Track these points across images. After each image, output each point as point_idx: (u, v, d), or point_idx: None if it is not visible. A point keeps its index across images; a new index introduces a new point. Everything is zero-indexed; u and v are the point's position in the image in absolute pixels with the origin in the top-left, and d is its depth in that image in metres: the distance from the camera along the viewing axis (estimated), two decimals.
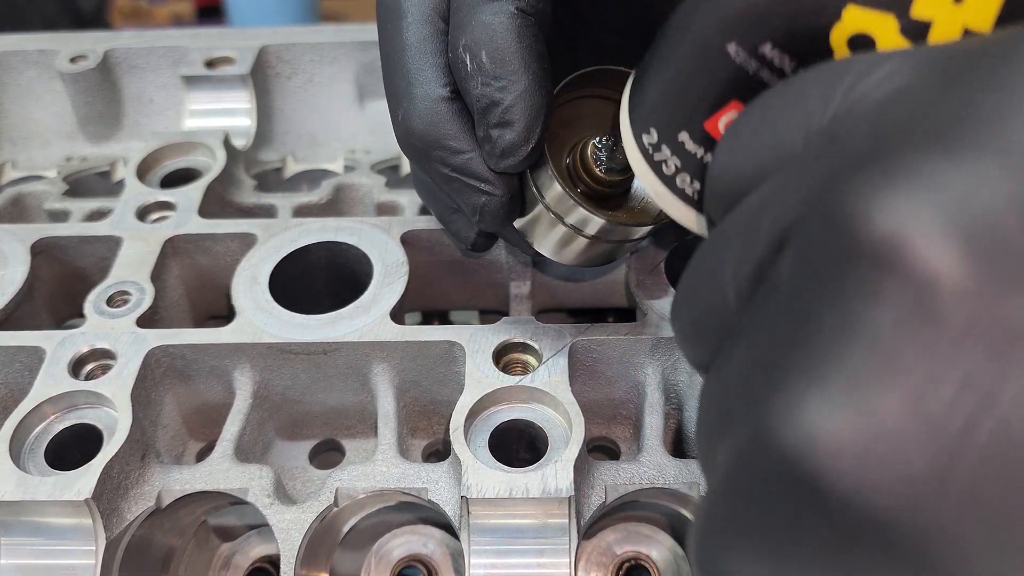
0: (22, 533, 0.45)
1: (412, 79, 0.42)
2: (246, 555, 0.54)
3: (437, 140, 0.42)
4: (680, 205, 0.35)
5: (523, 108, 0.39)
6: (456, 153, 0.42)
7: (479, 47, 0.39)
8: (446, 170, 0.42)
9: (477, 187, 0.42)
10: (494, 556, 0.45)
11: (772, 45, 0.29)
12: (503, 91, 0.39)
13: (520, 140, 0.40)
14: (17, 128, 0.77)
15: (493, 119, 0.40)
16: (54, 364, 0.51)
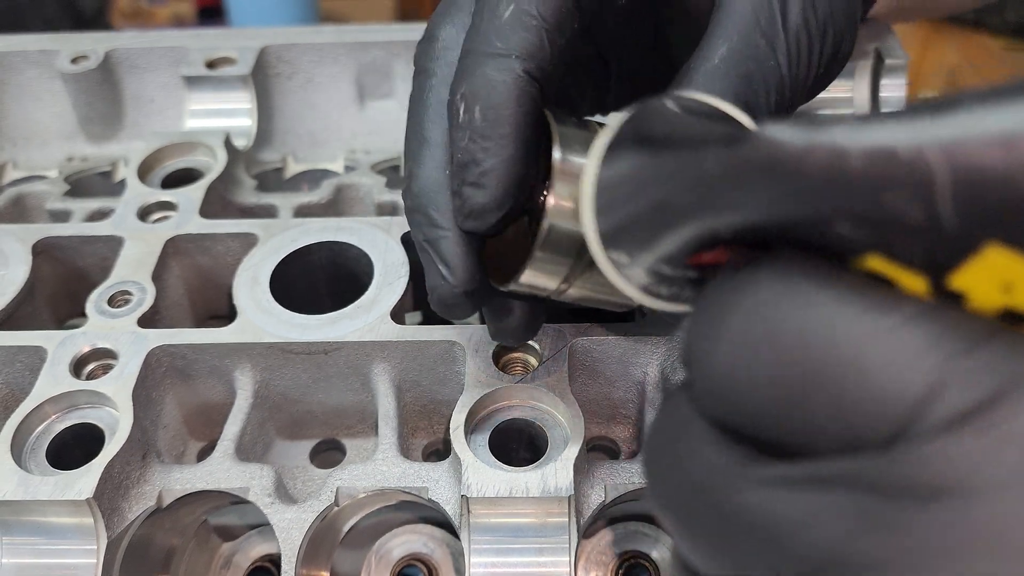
0: (23, 533, 0.46)
1: (425, 140, 0.42)
2: (247, 554, 0.54)
3: (424, 206, 0.41)
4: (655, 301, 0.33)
5: (502, 175, 0.38)
6: (434, 226, 0.41)
7: (475, 100, 0.38)
8: (421, 237, 0.42)
9: (438, 268, 0.41)
10: (494, 555, 0.45)
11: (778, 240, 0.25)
12: (486, 152, 0.38)
13: (491, 205, 0.38)
14: (18, 128, 0.77)
15: (470, 177, 0.38)
16: (55, 364, 0.51)
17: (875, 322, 0.22)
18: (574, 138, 0.38)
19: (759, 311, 0.25)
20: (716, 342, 0.26)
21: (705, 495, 0.27)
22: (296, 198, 0.68)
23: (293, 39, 0.75)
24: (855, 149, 0.21)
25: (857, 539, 0.23)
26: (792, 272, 0.25)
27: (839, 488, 0.23)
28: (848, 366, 0.23)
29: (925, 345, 0.22)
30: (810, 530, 0.23)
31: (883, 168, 0.20)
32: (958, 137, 0.20)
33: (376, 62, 0.75)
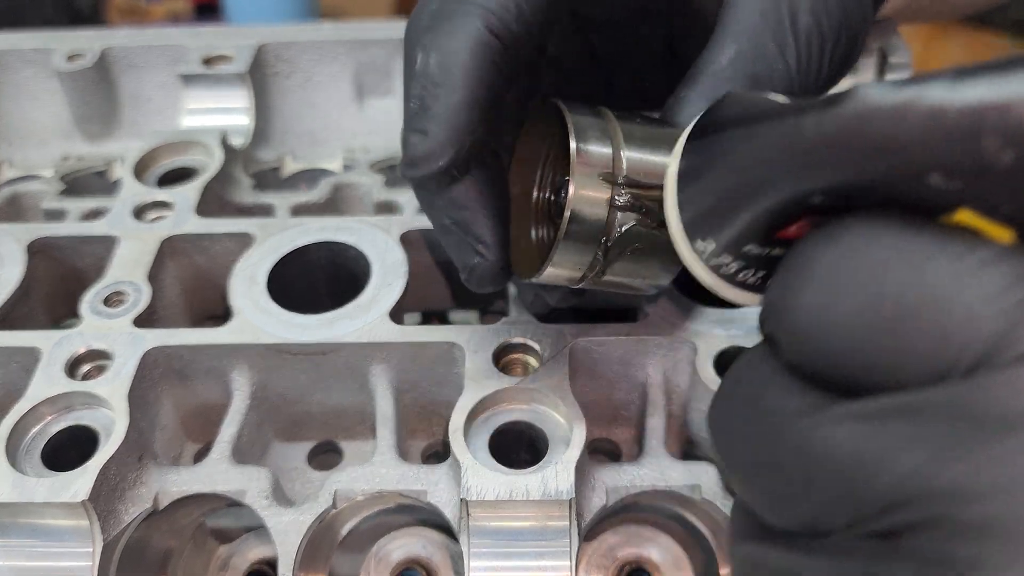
0: (18, 535, 0.45)
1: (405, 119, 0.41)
2: (244, 557, 0.54)
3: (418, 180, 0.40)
4: (740, 292, 0.33)
5: (446, 122, 0.38)
6: (460, 208, 0.40)
7: (433, 48, 0.38)
8: (447, 220, 0.41)
9: (473, 247, 0.41)
10: (494, 559, 0.44)
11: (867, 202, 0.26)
12: (435, 99, 0.38)
13: (432, 152, 0.38)
14: (13, 127, 0.77)
15: (415, 124, 0.38)
16: (50, 365, 0.50)
17: (959, 261, 0.24)
18: (589, 126, 0.38)
19: (844, 256, 0.26)
20: (801, 288, 0.27)
21: (783, 437, 0.27)
22: (294, 197, 0.68)
23: (291, 37, 0.75)
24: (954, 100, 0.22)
25: (944, 467, 0.23)
26: (878, 222, 0.25)
27: (922, 418, 0.24)
28: (931, 302, 0.24)
29: (1006, 284, 0.23)
30: (894, 460, 0.24)
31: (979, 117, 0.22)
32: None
33: (375, 60, 0.74)
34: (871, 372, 0.25)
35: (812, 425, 0.26)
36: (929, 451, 0.23)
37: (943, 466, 0.23)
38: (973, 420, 0.23)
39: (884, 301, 0.25)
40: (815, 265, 0.27)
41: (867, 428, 0.25)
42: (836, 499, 0.25)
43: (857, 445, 0.25)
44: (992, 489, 0.22)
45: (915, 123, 0.23)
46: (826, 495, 0.26)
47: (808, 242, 0.27)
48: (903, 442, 0.24)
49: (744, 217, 0.29)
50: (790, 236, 0.29)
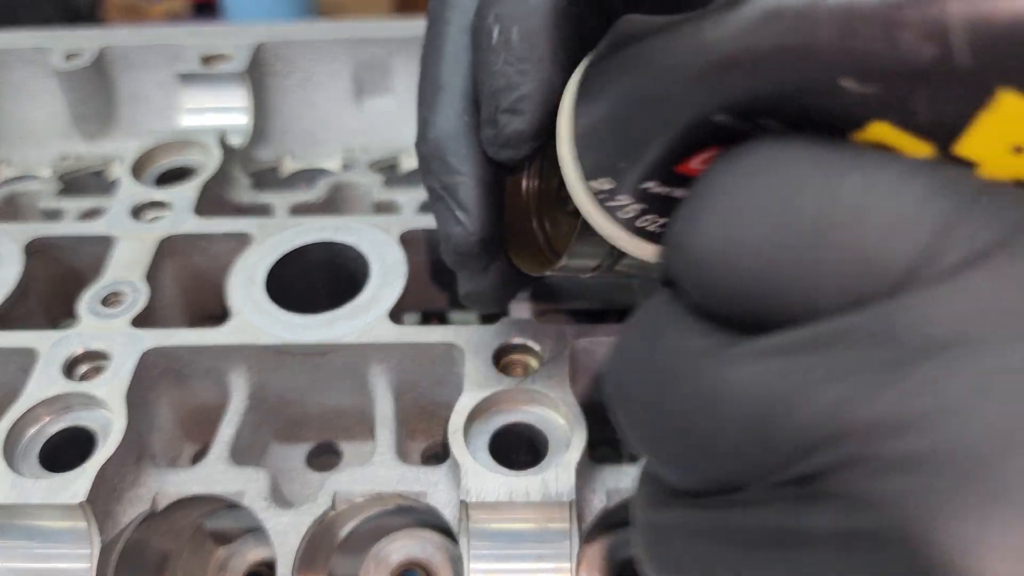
0: (16, 536, 0.45)
1: (441, 86, 0.40)
2: (243, 559, 0.54)
3: (442, 152, 0.40)
4: (639, 242, 0.31)
5: (541, 101, 0.36)
6: (451, 172, 0.40)
7: (512, 21, 0.36)
8: (437, 186, 0.41)
9: (455, 214, 0.40)
10: (494, 561, 0.44)
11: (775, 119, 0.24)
12: (524, 75, 0.36)
13: (528, 133, 0.36)
14: (11, 126, 0.77)
15: (505, 102, 0.36)
16: (48, 365, 0.50)
17: (876, 174, 0.21)
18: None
19: (749, 177, 0.23)
20: (700, 217, 0.24)
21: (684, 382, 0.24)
22: (293, 197, 0.67)
23: (290, 36, 0.74)
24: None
25: (865, 398, 0.20)
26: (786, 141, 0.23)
27: (841, 348, 0.21)
28: (845, 220, 0.21)
29: (929, 194, 0.21)
30: (808, 397, 0.21)
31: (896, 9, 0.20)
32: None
33: (374, 59, 0.74)
34: (782, 304, 0.22)
35: (716, 365, 0.23)
36: (848, 383, 0.21)
37: (864, 398, 0.20)
38: (897, 344, 0.20)
39: (793, 222, 0.22)
40: (716, 190, 0.24)
41: (778, 364, 0.22)
42: (745, 448, 0.22)
43: (767, 385, 0.22)
44: (920, 418, 0.20)
45: (825, 21, 0.21)
46: (734, 444, 0.23)
47: (710, 169, 0.25)
48: (819, 376, 0.21)
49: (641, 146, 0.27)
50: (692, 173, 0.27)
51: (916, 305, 0.20)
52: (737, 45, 0.22)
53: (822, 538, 0.21)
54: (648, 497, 0.28)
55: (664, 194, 0.29)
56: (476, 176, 0.39)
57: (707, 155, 0.26)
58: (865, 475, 0.20)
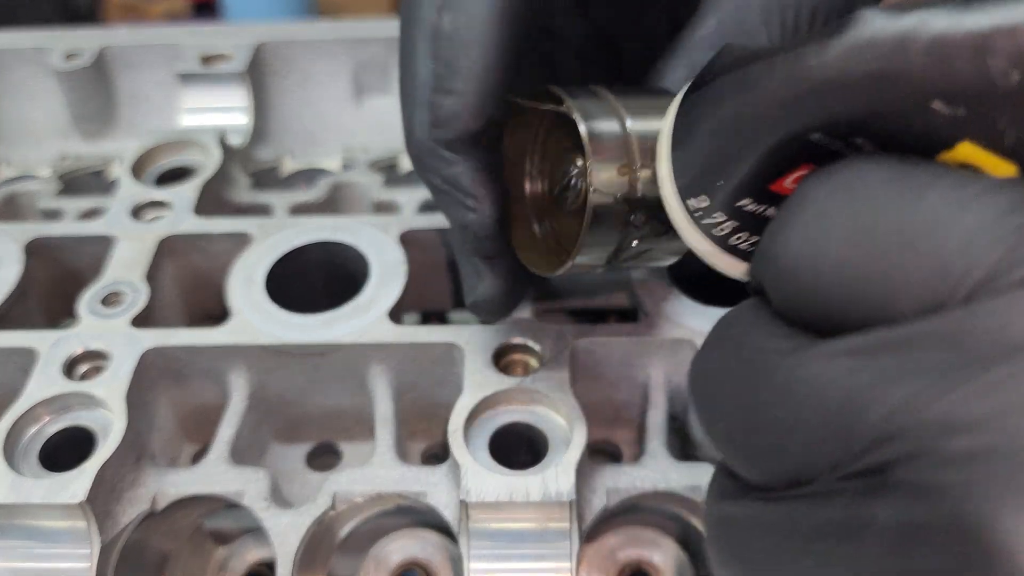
0: (15, 536, 0.45)
1: (418, 90, 0.40)
2: (242, 559, 0.54)
3: (433, 148, 0.40)
4: (730, 259, 0.32)
5: (478, 81, 0.37)
6: (449, 164, 0.40)
7: (451, 10, 0.37)
8: (439, 182, 0.41)
9: (463, 201, 0.40)
10: (494, 561, 0.44)
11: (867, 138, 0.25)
12: (463, 58, 0.37)
13: (460, 111, 0.37)
14: (10, 126, 0.77)
15: (442, 84, 0.37)
16: (48, 365, 0.50)
17: (958, 190, 0.23)
18: (592, 106, 0.37)
19: (836, 191, 0.25)
20: (789, 228, 0.26)
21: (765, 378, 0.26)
22: (292, 197, 0.67)
23: (290, 36, 0.74)
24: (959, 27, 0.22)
25: (934, 397, 0.22)
26: (874, 159, 0.25)
27: (915, 349, 0.22)
28: (927, 231, 0.23)
29: (1006, 210, 0.22)
30: (881, 394, 0.22)
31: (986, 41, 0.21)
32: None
33: (374, 58, 0.74)
34: (863, 308, 0.24)
35: (796, 364, 0.25)
36: (920, 383, 0.22)
37: (934, 396, 0.22)
38: (968, 349, 0.22)
39: (875, 232, 0.24)
40: (805, 204, 0.26)
41: (855, 363, 0.23)
42: (818, 441, 0.24)
43: (843, 382, 0.23)
44: (986, 416, 0.21)
45: (918, 50, 0.22)
46: (808, 437, 0.24)
47: (800, 186, 0.26)
48: (893, 375, 0.23)
49: (738, 164, 0.28)
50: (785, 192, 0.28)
51: (987, 312, 0.22)
52: (836, 70, 0.24)
53: (885, 527, 0.22)
54: (720, 491, 0.29)
55: (758, 212, 0.30)
56: (475, 160, 0.40)
57: (800, 174, 0.28)
58: (930, 467, 0.21)
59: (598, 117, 0.37)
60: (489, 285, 0.43)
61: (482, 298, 0.44)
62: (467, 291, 0.44)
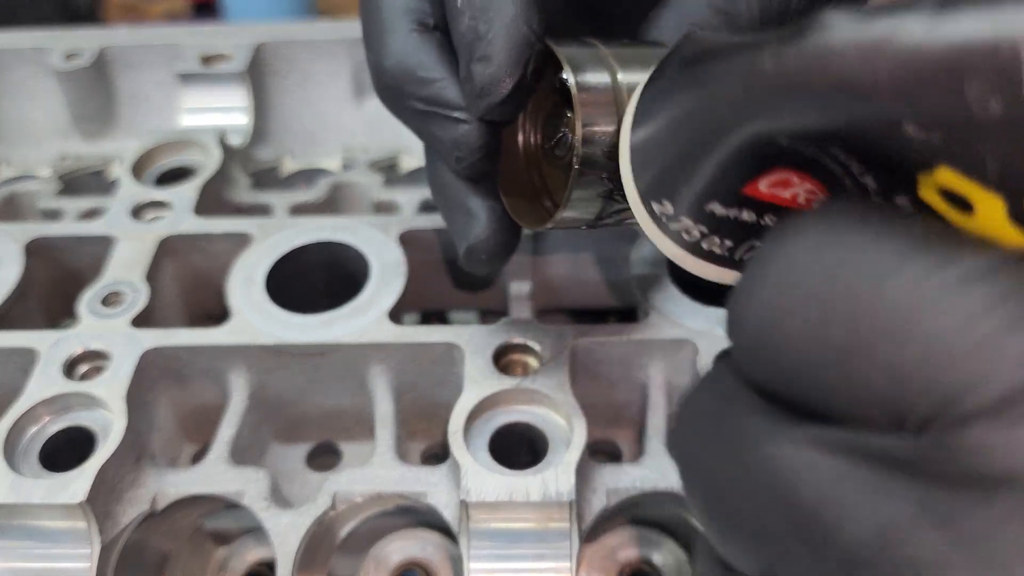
0: (15, 536, 0.45)
1: (384, 19, 0.40)
2: (242, 559, 0.54)
3: (407, 72, 0.39)
4: (705, 265, 0.31)
5: (505, 40, 0.36)
6: (427, 84, 0.39)
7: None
8: (420, 105, 0.39)
9: (450, 115, 0.39)
10: (494, 561, 0.44)
11: (841, 150, 0.23)
12: (488, 23, 0.36)
13: (500, 74, 0.36)
14: (10, 126, 0.77)
15: (476, 53, 0.37)
16: (48, 365, 0.50)
17: (928, 277, 0.20)
18: (582, 57, 0.37)
19: (799, 257, 0.23)
20: (751, 296, 0.24)
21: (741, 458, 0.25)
22: (292, 197, 0.67)
23: (290, 35, 0.74)
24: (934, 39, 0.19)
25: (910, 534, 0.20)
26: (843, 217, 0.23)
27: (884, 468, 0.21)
28: (888, 329, 0.21)
29: (982, 309, 0.20)
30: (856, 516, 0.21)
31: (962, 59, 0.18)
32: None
33: None
34: (824, 400, 0.22)
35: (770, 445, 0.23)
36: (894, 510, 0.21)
37: (910, 533, 0.20)
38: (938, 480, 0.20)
39: (836, 319, 0.22)
40: (768, 268, 0.24)
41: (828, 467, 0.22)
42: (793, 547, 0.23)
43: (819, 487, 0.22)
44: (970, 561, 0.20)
45: (886, 66, 0.19)
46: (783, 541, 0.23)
47: (768, 237, 0.24)
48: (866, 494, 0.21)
49: (701, 168, 0.27)
50: (759, 196, 0.27)
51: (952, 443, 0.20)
52: (792, 79, 0.22)
53: None
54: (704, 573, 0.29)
55: (731, 217, 0.28)
56: (455, 75, 0.39)
57: (775, 177, 0.26)
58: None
59: (588, 68, 0.36)
60: (483, 225, 0.42)
61: (477, 239, 0.42)
62: (459, 238, 0.43)
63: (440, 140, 0.40)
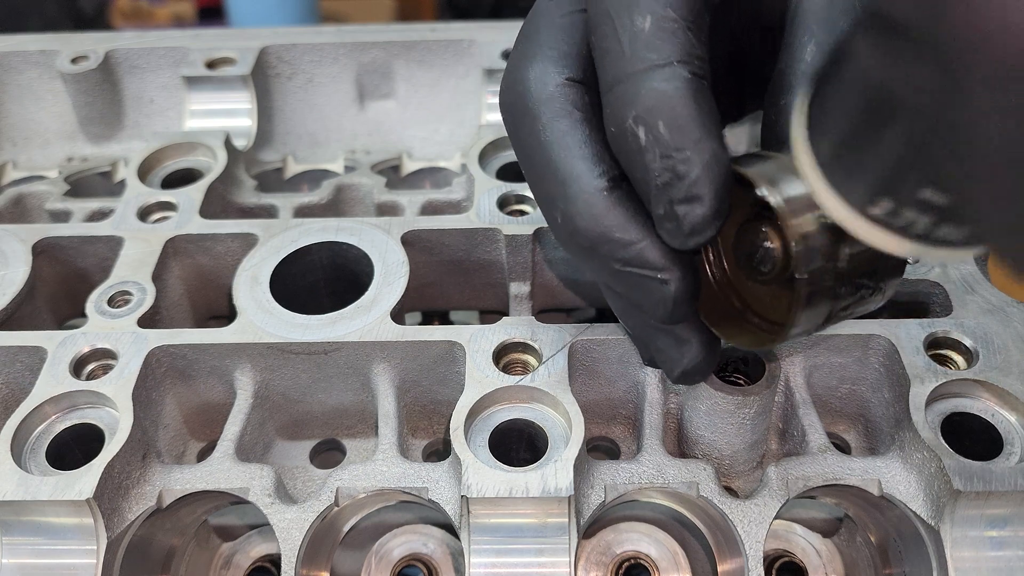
0: (24, 533, 0.46)
1: (564, 178, 0.39)
2: (247, 554, 0.54)
3: (603, 235, 0.39)
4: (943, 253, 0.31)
5: (711, 180, 0.36)
6: (625, 245, 0.39)
7: (654, 116, 0.36)
8: (617, 265, 0.39)
9: (654, 277, 0.39)
10: (494, 555, 0.45)
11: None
12: (687, 163, 0.36)
13: (712, 214, 0.36)
14: (18, 128, 0.77)
15: (678, 194, 0.36)
16: (55, 364, 0.51)
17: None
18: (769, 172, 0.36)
19: None
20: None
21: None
22: (296, 198, 0.68)
23: (293, 39, 0.75)
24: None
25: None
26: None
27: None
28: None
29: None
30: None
31: None
32: None
33: (376, 62, 0.75)
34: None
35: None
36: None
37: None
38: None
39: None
40: None
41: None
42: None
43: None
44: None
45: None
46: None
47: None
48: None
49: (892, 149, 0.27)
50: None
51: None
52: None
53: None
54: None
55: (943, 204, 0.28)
56: (652, 234, 0.39)
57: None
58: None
59: (778, 180, 0.36)
60: (696, 351, 0.42)
61: (692, 364, 0.43)
62: (670, 365, 0.44)
63: (644, 300, 0.40)
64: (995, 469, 0.43)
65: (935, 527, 0.44)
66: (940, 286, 0.53)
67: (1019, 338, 0.49)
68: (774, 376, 0.47)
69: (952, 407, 0.47)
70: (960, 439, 0.45)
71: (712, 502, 0.46)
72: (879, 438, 0.52)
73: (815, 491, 0.47)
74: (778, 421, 0.52)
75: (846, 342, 0.51)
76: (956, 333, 0.50)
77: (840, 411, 0.54)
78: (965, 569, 0.43)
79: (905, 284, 0.54)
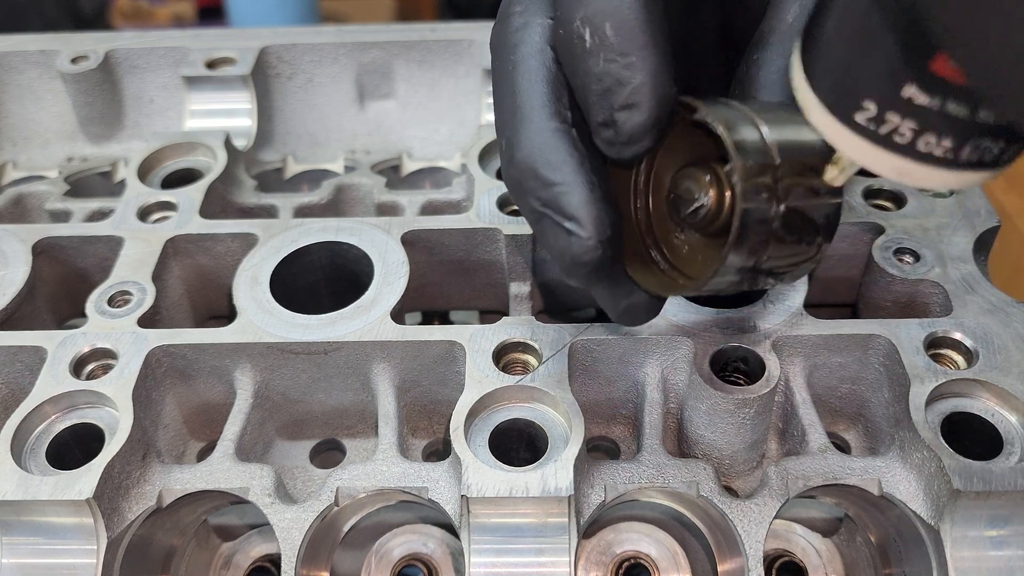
0: (23, 532, 0.46)
1: (518, 107, 0.40)
2: (247, 554, 0.54)
3: (532, 168, 0.39)
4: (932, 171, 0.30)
5: (654, 88, 0.36)
6: (548, 185, 0.38)
7: (602, 18, 0.36)
8: (536, 204, 0.39)
9: (562, 224, 0.38)
10: (494, 555, 0.45)
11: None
12: (631, 68, 0.36)
13: (652, 122, 0.36)
14: (18, 128, 0.77)
15: (618, 100, 0.36)
16: (55, 364, 0.51)
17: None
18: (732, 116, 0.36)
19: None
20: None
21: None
22: (296, 198, 0.68)
23: (293, 39, 0.75)
24: None
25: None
26: None
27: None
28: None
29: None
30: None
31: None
32: None
33: (376, 62, 0.75)
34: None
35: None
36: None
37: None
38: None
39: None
40: None
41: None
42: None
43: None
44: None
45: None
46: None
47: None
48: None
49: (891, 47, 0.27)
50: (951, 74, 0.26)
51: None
52: None
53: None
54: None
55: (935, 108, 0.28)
56: (578, 181, 0.38)
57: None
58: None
59: (736, 124, 0.36)
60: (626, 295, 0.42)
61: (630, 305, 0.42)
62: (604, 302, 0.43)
63: (552, 245, 0.39)
64: (995, 469, 0.43)
65: (935, 527, 0.44)
66: (940, 286, 0.53)
67: (1019, 338, 0.49)
68: (774, 376, 0.48)
69: (952, 407, 0.47)
70: (960, 439, 0.45)
71: (712, 502, 0.46)
72: (879, 438, 0.52)
73: (815, 491, 0.47)
74: (778, 421, 0.52)
75: (846, 342, 0.51)
76: (956, 333, 0.50)
77: (840, 411, 0.54)
78: (965, 569, 0.43)
79: (905, 284, 0.54)
